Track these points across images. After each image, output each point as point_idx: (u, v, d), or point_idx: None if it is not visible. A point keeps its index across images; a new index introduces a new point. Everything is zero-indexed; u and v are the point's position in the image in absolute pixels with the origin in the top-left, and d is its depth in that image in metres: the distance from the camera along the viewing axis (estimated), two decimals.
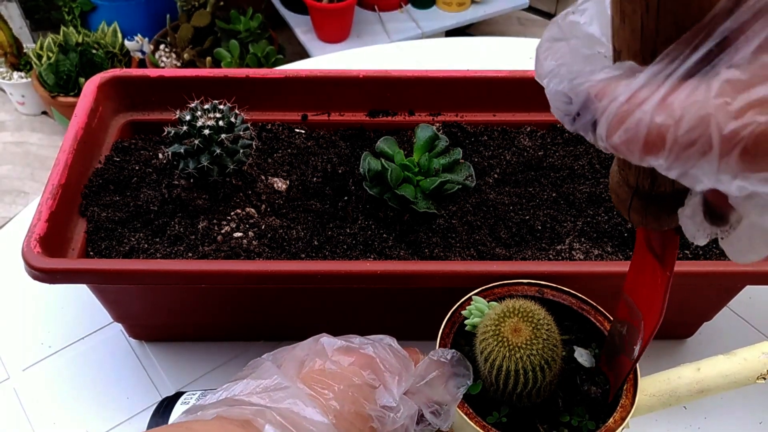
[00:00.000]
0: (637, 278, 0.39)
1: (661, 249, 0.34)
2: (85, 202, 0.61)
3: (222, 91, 0.65)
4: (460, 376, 0.42)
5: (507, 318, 0.41)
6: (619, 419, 0.42)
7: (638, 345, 0.40)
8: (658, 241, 0.34)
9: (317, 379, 0.38)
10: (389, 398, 0.38)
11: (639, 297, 0.39)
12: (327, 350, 0.40)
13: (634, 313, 0.40)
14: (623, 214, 0.31)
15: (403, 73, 0.69)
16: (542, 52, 0.26)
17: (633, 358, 0.41)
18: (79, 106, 0.63)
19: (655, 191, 0.28)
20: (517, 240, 0.60)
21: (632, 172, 0.28)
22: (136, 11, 1.91)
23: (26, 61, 1.86)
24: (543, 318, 0.41)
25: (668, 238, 0.33)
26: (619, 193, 0.30)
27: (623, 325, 0.42)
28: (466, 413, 0.42)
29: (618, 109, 0.21)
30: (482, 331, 0.42)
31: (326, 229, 0.60)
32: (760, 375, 0.45)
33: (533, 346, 0.40)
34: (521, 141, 0.68)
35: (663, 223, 0.29)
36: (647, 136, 0.20)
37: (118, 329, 0.66)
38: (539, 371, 0.40)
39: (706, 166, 0.20)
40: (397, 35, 1.82)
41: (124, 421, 0.60)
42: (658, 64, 0.21)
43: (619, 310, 0.43)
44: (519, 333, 0.41)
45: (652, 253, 0.35)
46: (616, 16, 0.23)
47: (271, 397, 0.35)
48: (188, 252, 0.57)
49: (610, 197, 0.62)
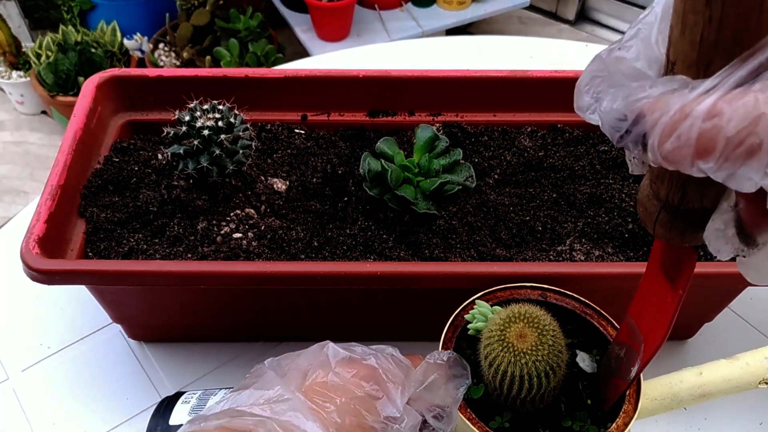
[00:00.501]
0: (644, 301, 0.39)
1: (675, 268, 0.35)
2: (84, 202, 0.60)
3: (221, 91, 0.65)
4: (459, 377, 0.42)
5: (512, 323, 0.41)
6: (622, 425, 0.42)
7: (636, 366, 0.40)
8: (673, 260, 0.35)
9: (319, 392, 0.38)
10: (393, 409, 0.38)
11: (642, 319, 0.39)
12: (330, 361, 0.40)
13: (635, 336, 0.40)
14: (647, 228, 0.32)
15: (403, 73, 0.68)
16: (584, 85, 0.28)
17: (629, 379, 0.41)
18: (78, 106, 0.63)
19: (684, 206, 0.29)
20: (518, 241, 0.60)
21: (664, 186, 0.29)
22: (136, 10, 1.91)
23: (25, 61, 1.86)
24: (548, 324, 0.41)
25: (686, 256, 0.33)
26: (648, 206, 0.31)
27: (622, 348, 0.42)
28: (468, 418, 0.42)
29: (670, 119, 0.22)
30: (487, 336, 0.42)
31: (326, 230, 0.60)
32: (763, 380, 0.45)
33: (539, 352, 0.40)
34: (522, 141, 0.68)
35: (686, 240, 0.30)
36: (698, 141, 0.22)
37: (118, 330, 0.66)
38: (544, 377, 0.40)
39: (755, 164, 0.21)
40: (397, 34, 1.82)
41: (124, 421, 0.60)
42: (711, 79, 0.22)
43: (620, 333, 0.43)
44: (524, 339, 0.40)
45: (665, 272, 0.36)
46: (676, 27, 0.24)
47: (273, 408, 0.35)
48: (187, 253, 0.56)
49: (610, 198, 0.62)
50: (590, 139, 0.69)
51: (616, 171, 0.66)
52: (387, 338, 0.59)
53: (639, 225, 0.60)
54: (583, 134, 0.69)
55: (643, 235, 0.59)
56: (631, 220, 0.60)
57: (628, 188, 0.63)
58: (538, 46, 1.00)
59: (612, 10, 2.14)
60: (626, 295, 0.57)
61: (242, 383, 0.40)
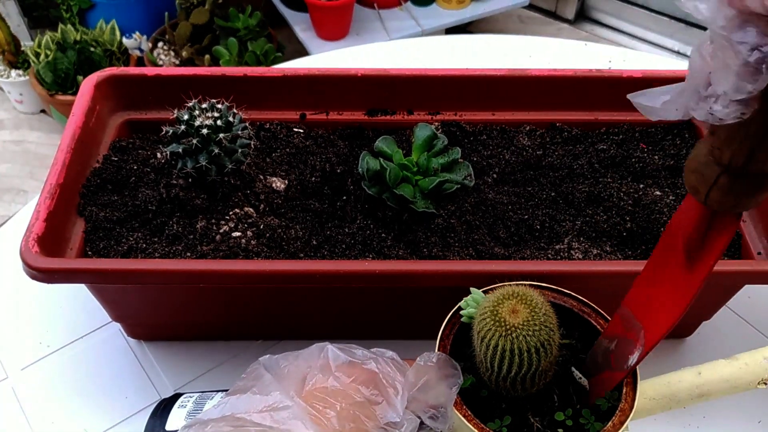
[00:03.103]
0: (647, 289, 0.39)
1: (707, 242, 0.36)
2: (83, 201, 0.60)
3: (220, 90, 0.65)
4: (451, 376, 0.43)
5: (505, 300, 0.42)
6: (618, 423, 0.42)
7: (635, 355, 0.40)
8: (704, 234, 0.36)
9: (319, 397, 0.38)
10: (393, 414, 0.39)
11: (643, 308, 0.39)
12: (331, 365, 0.40)
13: (631, 326, 0.40)
14: (698, 195, 0.33)
15: (402, 72, 0.68)
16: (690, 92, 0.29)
17: (626, 368, 0.41)
18: (77, 105, 0.63)
19: (748, 168, 0.31)
20: (516, 239, 0.60)
21: (730, 149, 0.30)
22: (135, 9, 1.91)
23: (24, 59, 1.86)
24: (541, 303, 0.42)
25: (728, 223, 0.35)
26: (705, 171, 0.32)
27: (612, 341, 0.42)
28: (464, 415, 0.42)
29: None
30: (480, 314, 0.42)
31: (325, 229, 0.60)
32: (762, 380, 0.45)
33: (530, 327, 0.40)
34: (520, 140, 0.68)
35: (740, 204, 0.32)
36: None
37: (117, 329, 0.66)
38: (534, 353, 0.40)
39: None
40: (396, 33, 1.82)
41: (123, 420, 0.60)
42: None
43: (610, 326, 0.43)
44: (516, 314, 0.41)
45: (686, 254, 0.36)
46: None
47: (273, 417, 0.36)
48: (186, 251, 0.56)
49: (608, 197, 0.62)
50: (589, 138, 0.69)
51: (615, 170, 0.66)
52: (385, 336, 0.59)
53: (637, 224, 0.60)
54: (581, 133, 0.69)
55: (641, 234, 0.59)
56: (629, 218, 0.60)
57: (626, 187, 0.63)
58: (538, 45, 1.01)
59: (612, 10, 2.14)
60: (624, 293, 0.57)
61: (238, 385, 0.40)
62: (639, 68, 0.69)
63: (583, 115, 0.70)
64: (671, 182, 0.65)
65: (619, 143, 0.68)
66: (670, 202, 0.62)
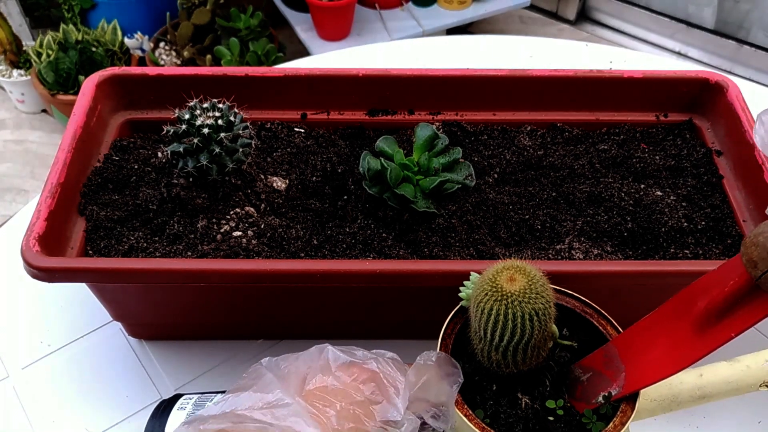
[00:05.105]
0: (643, 336, 0.38)
1: (725, 315, 0.34)
2: (84, 200, 0.60)
3: (221, 90, 0.65)
4: (451, 375, 0.43)
5: (505, 270, 0.42)
6: (619, 424, 0.42)
7: (607, 393, 0.40)
8: (727, 307, 0.34)
9: (319, 396, 0.38)
10: (394, 412, 0.39)
11: (632, 353, 0.39)
12: (331, 365, 0.41)
13: (613, 365, 0.40)
14: (753, 271, 0.32)
15: (403, 72, 0.68)
16: None
17: (593, 403, 0.41)
18: (78, 105, 0.63)
19: None
20: (517, 239, 0.60)
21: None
22: (136, 9, 1.91)
23: (26, 59, 1.86)
24: (539, 276, 0.42)
25: (762, 305, 0.33)
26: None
27: (586, 373, 0.42)
28: (465, 415, 0.42)
29: None
30: (479, 284, 0.43)
31: (325, 229, 0.60)
32: (764, 383, 0.45)
33: (526, 295, 0.41)
34: (521, 140, 0.68)
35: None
36: None
37: (117, 328, 0.66)
38: (528, 320, 0.41)
39: None
40: (397, 33, 1.82)
41: (123, 419, 0.60)
42: None
43: (590, 358, 0.43)
44: (514, 282, 0.41)
45: (704, 317, 0.35)
46: None
47: (274, 414, 0.36)
48: (187, 251, 0.56)
49: (609, 197, 0.62)
50: (590, 138, 0.69)
51: (616, 170, 0.66)
52: (386, 336, 0.59)
53: (638, 224, 0.60)
54: (582, 133, 0.69)
55: (642, 234, 0.59)
56: (630, 218, 0.60)
57: (627, 187, 0.63)
58: (539, 46, 1.01)
59: (613, 10, 2.14)
60: (625, 293, 0.57)
61: (239, 384, 0.40)
62: (640, 69, 0.69)
63: (583, 115, 0.70)
64: (672, 182, 0.65)
65: (619, 143, 0.68)
66: (671, 202, 0.62)
